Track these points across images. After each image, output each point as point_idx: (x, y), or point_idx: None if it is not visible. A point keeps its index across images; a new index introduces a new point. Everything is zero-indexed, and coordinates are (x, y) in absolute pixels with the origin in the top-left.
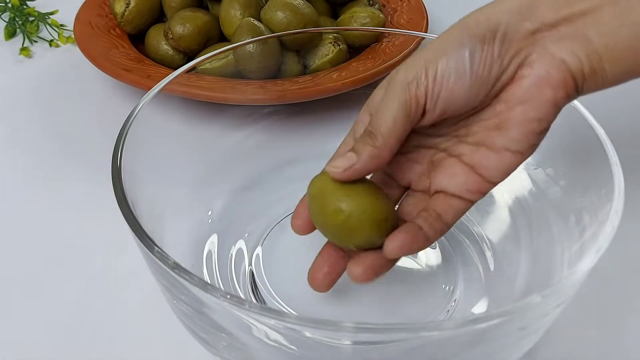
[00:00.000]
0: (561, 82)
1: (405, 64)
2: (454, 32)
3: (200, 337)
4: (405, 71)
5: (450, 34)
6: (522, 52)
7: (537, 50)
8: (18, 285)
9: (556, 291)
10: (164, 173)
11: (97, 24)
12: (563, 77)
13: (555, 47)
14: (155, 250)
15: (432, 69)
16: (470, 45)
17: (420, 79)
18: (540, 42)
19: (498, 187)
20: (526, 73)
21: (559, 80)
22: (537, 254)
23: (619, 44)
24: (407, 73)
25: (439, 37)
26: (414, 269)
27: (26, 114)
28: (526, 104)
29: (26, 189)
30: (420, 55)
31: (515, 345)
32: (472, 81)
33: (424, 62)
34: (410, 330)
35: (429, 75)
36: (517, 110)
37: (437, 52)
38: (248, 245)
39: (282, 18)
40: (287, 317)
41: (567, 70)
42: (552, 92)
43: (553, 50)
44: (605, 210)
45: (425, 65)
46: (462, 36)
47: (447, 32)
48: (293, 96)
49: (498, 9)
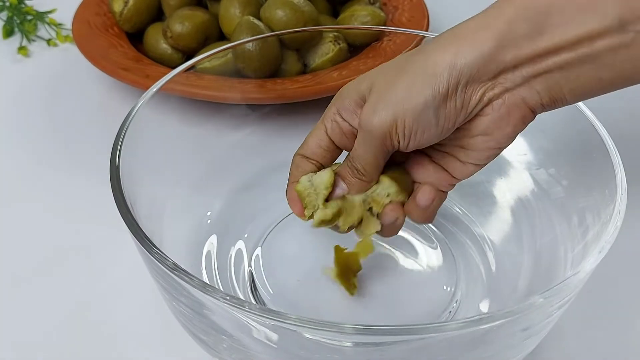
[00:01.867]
0: (520, 119)
1: (377, 98)
2: (417, 83)
3: (200, 338)
4: (378, 118)
5: (414, 84)
6: (485, 95)
7: (499, 90)
8: (18, 285)
9: (559, 292)
10: (162, 173)
11: (96, 23)
12: (522, 114)
13: (516, 86)
14: (154, 251)
15: (401, 124)
16: (434, 105)
17: (392, 132)
18: (502, 84)
19: (500, 187)
20: (488, 111)
21: (519, 117)
22: (540, 255)
23: (581, 76)
24: (381, 123)
25: (402, 80)
26: (415, 270)
27: (24, 113)
28: (487, 136)
29: (24, 188)
30: (389, 98)
31: (517, 346)
32: (439, 131)
33: (393, 113)
34: (411, 332)
35: (399, 130)
36: (478, 139)
37: (404, 104)
38: (247, 246)
39: (281, 16)
40: (287, 318)
41: (526, 107)
42: (511, 128)
43: (514, 90)
44: (608, 211)
45: (395, 117)
46: (426, 94)
47: (410, 77)
48: (293, 95)
49: (461, 53)
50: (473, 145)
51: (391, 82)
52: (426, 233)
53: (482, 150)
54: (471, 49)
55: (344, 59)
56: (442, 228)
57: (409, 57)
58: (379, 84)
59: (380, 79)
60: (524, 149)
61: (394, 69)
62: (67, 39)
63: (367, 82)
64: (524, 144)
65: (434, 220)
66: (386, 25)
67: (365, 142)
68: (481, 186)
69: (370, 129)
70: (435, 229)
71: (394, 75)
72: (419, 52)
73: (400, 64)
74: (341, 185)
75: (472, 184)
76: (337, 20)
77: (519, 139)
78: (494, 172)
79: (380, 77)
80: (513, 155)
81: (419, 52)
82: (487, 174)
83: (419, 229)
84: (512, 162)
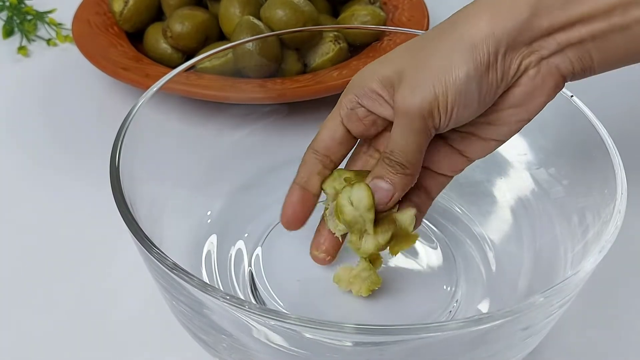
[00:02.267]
0: (553, 87)
1: (412, 78)
2: (456, 55)
3: (200, 338)
4: (418, 96)
5: (452, 57)
6: (523, 63)
7: (535, 58)
8: (17, 285)
9: (559, 291)
10: (162, 173)
11: (96, 23)
12: (556, 82)
13: (551, 54)
14: (154, 251)
15: (443, 100)
16: (476, 77)
17: (434, 111)
18: (538, 51)
19: (500, 187)
20: (522, 81)
21: (552, 86)
22: (540, 254)
23: (612, 46)
24: (422, 101)
25: (437, 55)
26: (415, 270)
27: (24, 113)
28: (519, 108)
29: (23, 188)
30: (426, 75)
31: (518, 346)
32: (480, 106)
33: (433, 89)
34: (411, 332)
35: (441, 107)
36: (510, 112)
37: (444, 78)
38: (247, 246)
39: (281, 16)
40: (287, 318)
41: (560, 75)
42: (544, 98)
43: (549, 58)
44: (608, 210)
45: (435, 93)
46: (468, 66)
47: (446, 50)
48: (293, 95)
49: (499, 21)
50: (502, 120)
51: (424, 59)
52: (426, 233)
53: (510, 123)
54: (509, 16)
55: (344, 59)
56: (442, 228)
57: (438, 32)
58: (410, 63)
59: (409, 59)
60: (524, 149)
61: (423, 46)
62: (67, 39)
63: (391, 66)
64: (524, 144)
65: (435, 220)
66: (386, 24)
67: (405, 130)
68: (481, 186)
69: (410, 111)
70: (435, 229)
71: (426, 52)
72: (450, 24)
73: (429, 39)
74: (383, 187)
75: (472, 184)
76: (337, 20)
77: (519, 139)
78: (494, 172)
79: (409, 57)
80: (513, 155)
81: (451, 25)
82: (487, 174)
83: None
84: (512, 162)
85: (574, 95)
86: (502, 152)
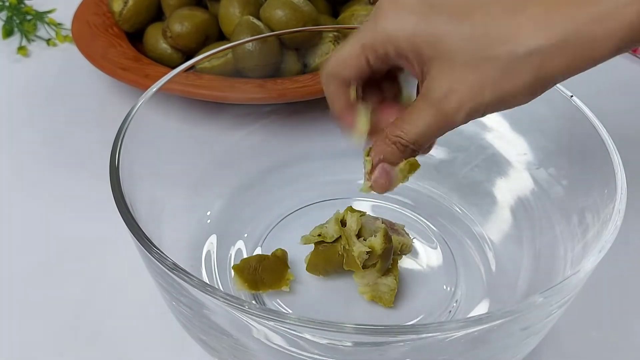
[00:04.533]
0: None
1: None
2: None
3: (200, 338)
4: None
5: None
6: None
7: None
8: (17, 285)
9: (559, 291)
10: (162, 173)
11: (95, 23)
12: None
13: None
14: (154, 251)
15: (492, 108)
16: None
17: (475, 116)
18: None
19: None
20: None
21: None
22: (540, 254)
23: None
24: (469, 112)
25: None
26: (415, 270)
27: (23, 113)
28: None
29: (23, 188)
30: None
31: (517, 346)
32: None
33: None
34: (411, 332)
35: (486, 112)
36: None
37: (501, 87)
38: (247, 246)
39: (281, 16)
40: (287, 318)
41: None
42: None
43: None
44: (608, 210)
45: (486, 104)
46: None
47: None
48: (293, 95)
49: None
50: None
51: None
52: (426, 233)
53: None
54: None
55: None
56: (442, 228)
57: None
58: (452, 32)
59: (448, 22)
60: (524, 149)
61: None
62: (67, 39)
63: (424, 24)
64: (524, 144)
65: (435, 220)
66: None
67: (432, 123)
68: (481, 186)
69: (449, 117)
70: (435, 228)
71: (475, 20)
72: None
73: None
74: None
75: (472, 184)
76: (337, 20)
77: (519, 138)
78: (494, 172)
79: (447, 18)
80: (513, 155)
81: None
82: (487, 174)
83: (418, 229)
84: (512, 162)
85: (574, 95)
86: (502, 152)
